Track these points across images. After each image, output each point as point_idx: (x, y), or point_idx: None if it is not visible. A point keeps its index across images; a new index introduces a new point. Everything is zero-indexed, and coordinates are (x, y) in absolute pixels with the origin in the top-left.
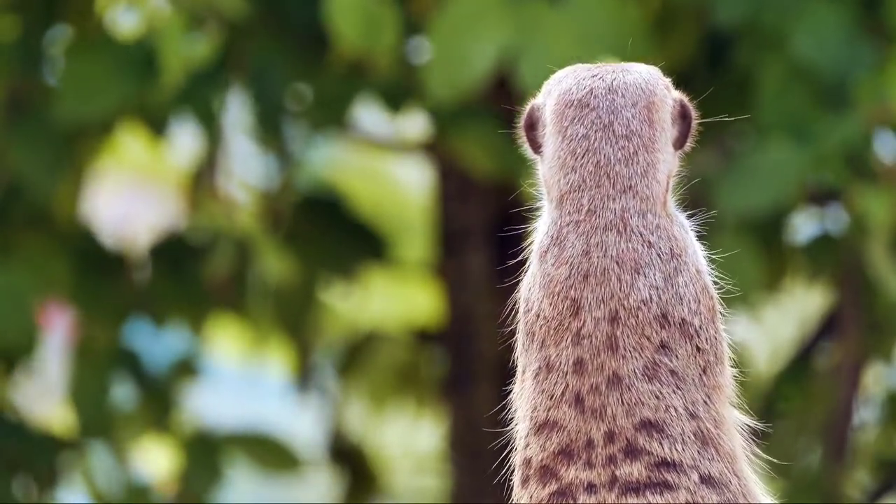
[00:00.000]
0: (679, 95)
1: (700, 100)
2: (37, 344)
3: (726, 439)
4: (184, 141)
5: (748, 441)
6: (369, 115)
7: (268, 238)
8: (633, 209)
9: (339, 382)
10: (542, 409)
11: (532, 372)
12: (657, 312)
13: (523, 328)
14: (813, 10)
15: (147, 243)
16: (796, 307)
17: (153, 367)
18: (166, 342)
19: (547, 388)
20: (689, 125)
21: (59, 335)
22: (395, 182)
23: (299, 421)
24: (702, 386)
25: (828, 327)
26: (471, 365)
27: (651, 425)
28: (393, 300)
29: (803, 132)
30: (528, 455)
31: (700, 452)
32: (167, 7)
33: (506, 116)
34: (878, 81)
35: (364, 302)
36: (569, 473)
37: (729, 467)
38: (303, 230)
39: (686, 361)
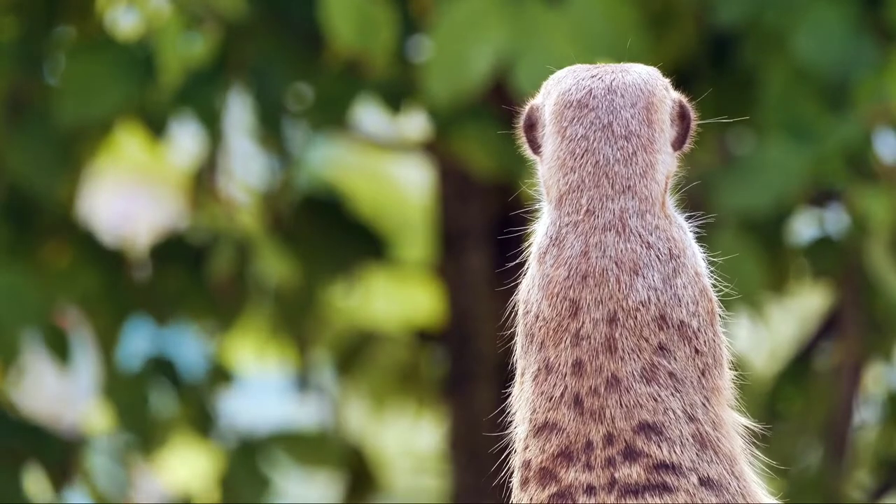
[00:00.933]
0: (678, 96)
1: (700, 100)
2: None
3: (725, 441)
4: (184, 141)
5: (748, 442)
6: (369, 115)
7: (268, 238)
8: (632, 210)
9: (339, 382)
10: (542, 411)
11: (531, 374)
12: (655, 314)
13: (522, 330)
14: (814, 10)
15: (147, 243)
16: (796, 307)
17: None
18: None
19: (546, 390)
20: (689, 126)
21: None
22: (396, 182)
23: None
24: (700, 388)
25: (828, 327)
26: (471, 365)
27: (649, 428)
28: (393, 300)
29: (804, 132)
30: (528, 457)
31: (699, 455)
32: (167, 7)
33: (505, 116)
34: (880, 81)
35: (364, 302)
36: (568, 475)
37: (728, 469)
38: (303, 230)
39: (685, 363)
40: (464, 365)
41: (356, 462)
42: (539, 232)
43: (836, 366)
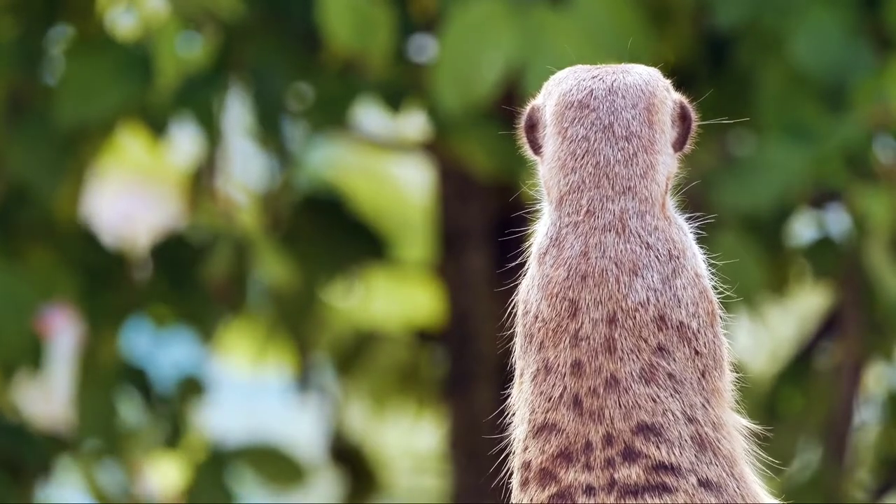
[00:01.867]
0: (679, 97)
1: (700, 100)
2: (41, 350)
3: (725, 443)
4: (184, 142)
5: (749, 443)
6: (369, 115)
7: (267, 238)
8: (632, 210)
9: (340, 383)
10: (541, 412)
11: (530, 374)
12: (655, 314)
13: (522, 330)
14: (811, 13)
15: (147, 244)
16: (796, 307)
17: (159, 382)
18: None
19: (545, 391)
20: (689, 127)
21: (67, 340)
22: (396, 182)
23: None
24: (700, 390)
25: (828, 327)
26: (471, 365)
27: (648, 429)
28: (393, 300)
29: (804, 133)
30: (528, 458)
31: (698, 456)
32: (165, 9)
33: (507, 117)
34: (878, 83)
35: (364, 302)
36: (568, 476)
37: (727, 470)
38: (303, 230)
39: (684, 364)
40: (464, 365)
41: (357, 462)
42: (539, 232)
43: (836, 366)
